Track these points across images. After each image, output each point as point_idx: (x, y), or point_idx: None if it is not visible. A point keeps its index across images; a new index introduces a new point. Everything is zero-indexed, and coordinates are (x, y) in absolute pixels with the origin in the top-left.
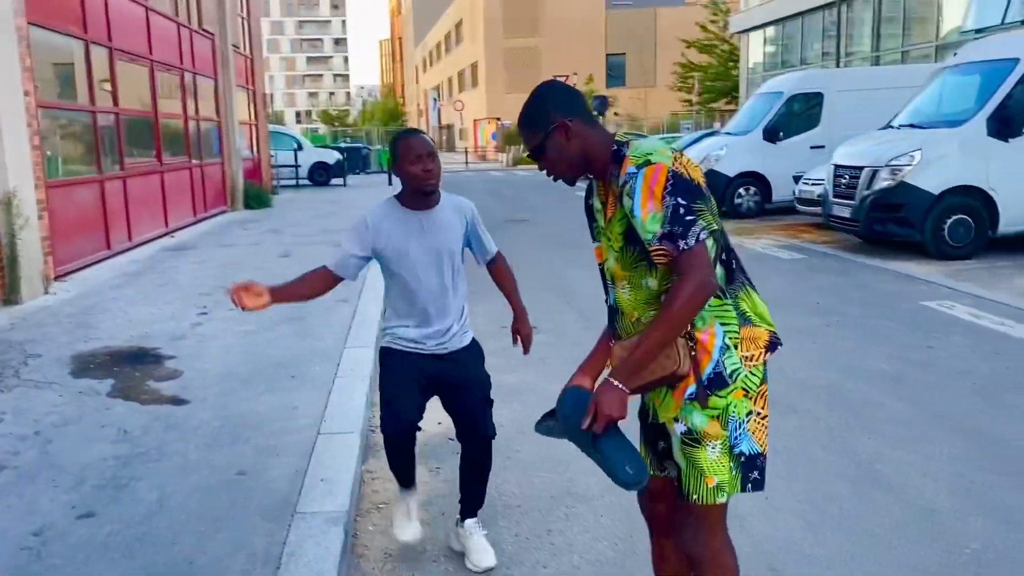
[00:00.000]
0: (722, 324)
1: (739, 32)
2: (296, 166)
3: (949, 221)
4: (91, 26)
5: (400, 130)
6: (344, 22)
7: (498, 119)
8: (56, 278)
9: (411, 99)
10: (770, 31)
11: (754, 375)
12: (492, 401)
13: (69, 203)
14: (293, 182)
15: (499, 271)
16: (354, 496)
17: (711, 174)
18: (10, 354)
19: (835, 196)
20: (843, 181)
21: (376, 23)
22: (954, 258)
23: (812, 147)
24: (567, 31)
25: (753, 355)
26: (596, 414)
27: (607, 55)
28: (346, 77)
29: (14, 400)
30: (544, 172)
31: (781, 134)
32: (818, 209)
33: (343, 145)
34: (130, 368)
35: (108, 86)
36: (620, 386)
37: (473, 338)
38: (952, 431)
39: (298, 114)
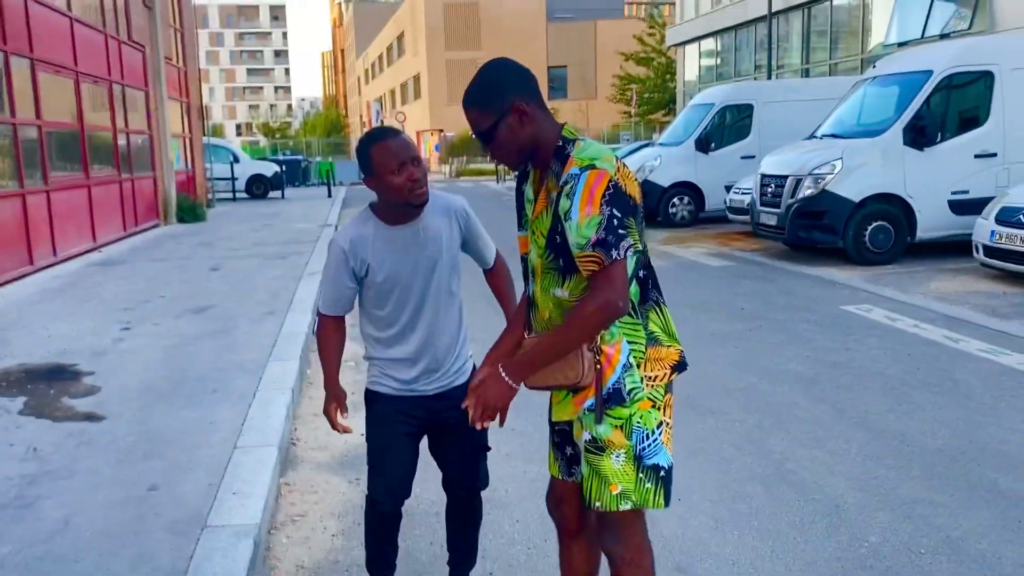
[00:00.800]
0: (629, 342)
1: (675, 45)
2: (233, 179)
3: (870, 228)
4: (11, 37)
5: (371, 132)
6: (285, 34)
7: (441, 131)
8: None
9: (354, 110)
10: (705, 44)
11: (657, 390)
12: (489, 448)
13: None
14: (230, 195)
15: (498, 281)
16: (268, 509)
17: (646, 184)
18: None
19: (762, 204)
20: (769, 190)
21: (317, 34)
22: (875, 263)
23: (743, 157)
24: (508, 43)
25: (657, 375)
26: (477, 402)
27: (548, 67)
28: (287, 89)
29: None
30: (488, 156)
31: (713, 144)
32: (748, 218)
33: (281, 157)
34: (45, 385)
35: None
36: (508, 379)
37: (473, 366)
38: (861, 429)
39: (239, 126)
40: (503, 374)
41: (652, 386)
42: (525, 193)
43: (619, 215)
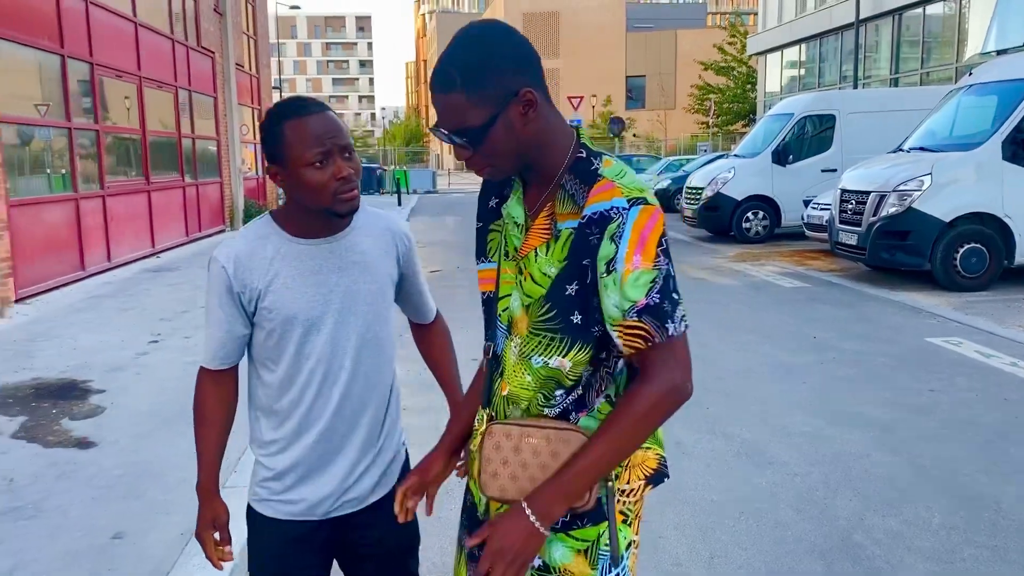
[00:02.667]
0: None
1: (756, 54)
2: None
3: (961, 250)
4: (68, 40)
5: (285, 102)
6: (370, 44)
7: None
8: (18, 300)
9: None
10: (788, 53)
11: (629, 505)
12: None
13: (36, 223)
14: None
15: (434, 342)
16: (242, 566)
17: (718, 197)
18: None
19: (841, 222)
20: (849, 206)
21: (403, 45)
22: (967, 290)
23: (823, 170)
24: (587, 53)
25: (633, 489)
26: (494, 556)
27: (627, 77)
28: (371, 98)
29: None
30: (465, 162)
31: (791, 157)
32: (826, 235)
33: None
34: (49, 404)
35: (89, 103)
36: (535, 520)
37: (404, 460)
38: (946, 493)
39: None
40: (527, 511)
41: (624, 503)
42: (506, 212)
43: (674, 274)
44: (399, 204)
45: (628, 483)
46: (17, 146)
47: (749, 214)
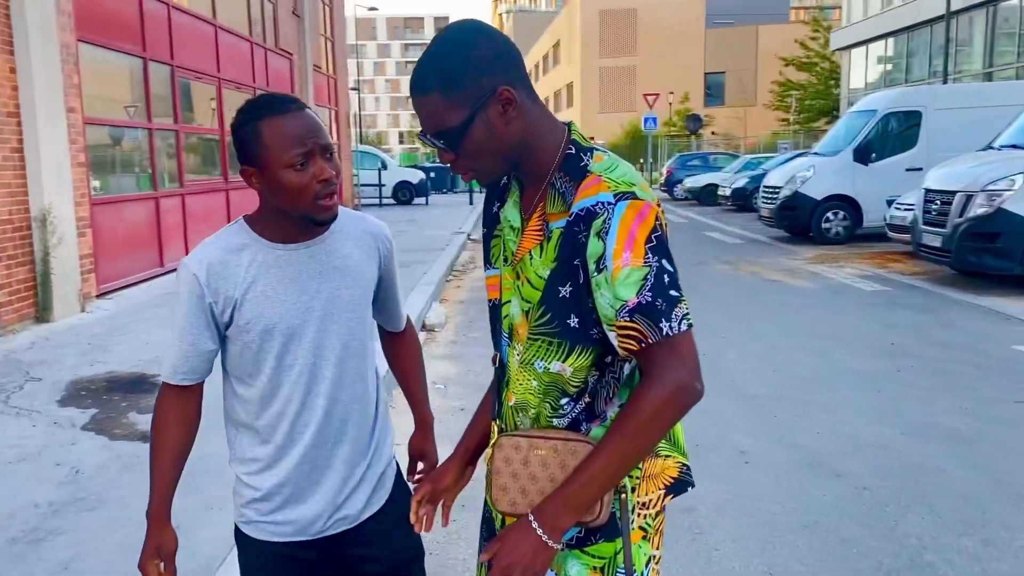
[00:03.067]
0: None
1: (840, 49)
2: (380, 185)
3: None
4: (150, 44)
5: (259, 99)
6: None
7: (591, 139)
8: (99, 295)
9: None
10: (873, 48)
11: (648, 519)
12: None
13: (117, 220)
14: (376, 200)
15: (404, 352)
16: None
17: (797, 197)
18: (12, 377)
19: (925, 223)
20: (934, 207)
21: None
22: None
23: (908, 169)
24: (664, 49)
25: (651, 500)
26: (504, 572)
27: (705, 73)
28: None
29: None
30: (452, 168)
31: (874, 155)
32: (909, 237)
33: (429, 165)
34: (120, 397)
35: (169, 104)
36: (542, 534)
37: (396, 472)
38: None
39: (401, 135)
40: (534, 525)
41: (644, 515)
42: (504, 216)
43: (670, 269)
44: (471, 203)
45: (646, 495)
46: (100, 146)
47: (829, 214)
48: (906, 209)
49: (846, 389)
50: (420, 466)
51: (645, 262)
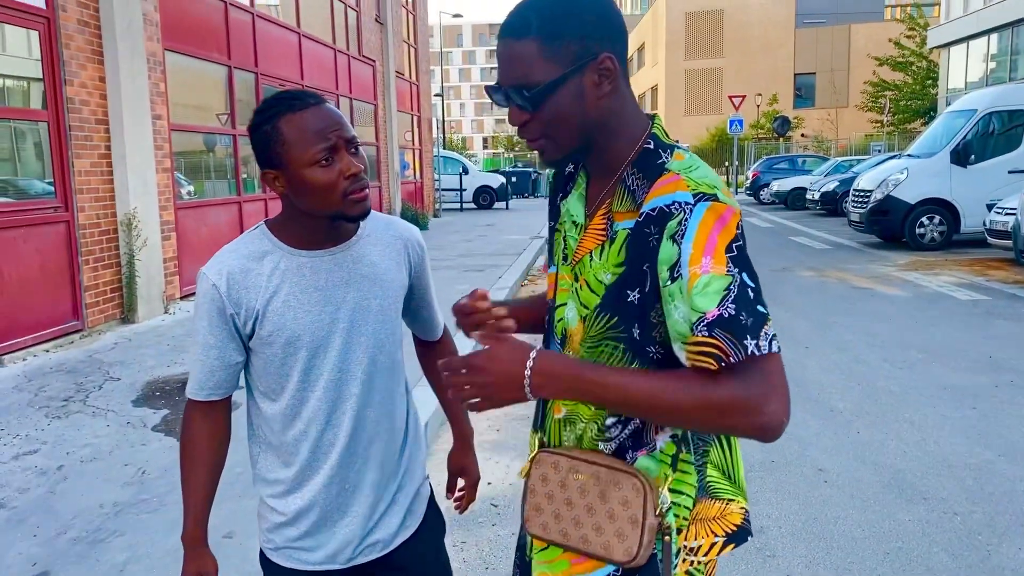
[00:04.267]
0: (672, 490)
1: (938, 47)
2: (461, 189)
3: None
4: (235, 52)
5: (277, 96)
6: None
7: (676, 142)
8: (183, 297)
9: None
10: (975, 45)
11: (699, 567)
12: None
13: (201, 224)
14: (457, 205)
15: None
16: None
17: (889, 200)
18: (92, 376)
19: None
20: None
21: None
22: None
23: (1011, 172)
24: (752, 50)
25: (702, 546)
26: (473, 371)
27: (795, 74)
28: None
29: (63, 428)
30: (520, 132)
31: (973, 157)
32: (1010, 243)
33: (510, 169)
34: None
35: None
36: (528, 373)
37: (430, 499)
38: None
39: (485, 140)
40: (531, 361)
41: (692, 563)
42: (565, 209)
43: (753, 284)
44: None
45: (696, 539)
46: (186, 152)
47: (924, 219)
48: (1007, 213)
49: (938, 405)
50: (460, 483)
51: (726, 271)
